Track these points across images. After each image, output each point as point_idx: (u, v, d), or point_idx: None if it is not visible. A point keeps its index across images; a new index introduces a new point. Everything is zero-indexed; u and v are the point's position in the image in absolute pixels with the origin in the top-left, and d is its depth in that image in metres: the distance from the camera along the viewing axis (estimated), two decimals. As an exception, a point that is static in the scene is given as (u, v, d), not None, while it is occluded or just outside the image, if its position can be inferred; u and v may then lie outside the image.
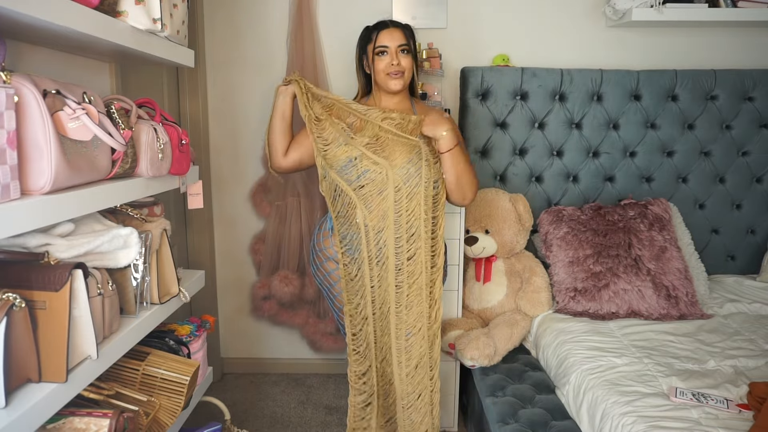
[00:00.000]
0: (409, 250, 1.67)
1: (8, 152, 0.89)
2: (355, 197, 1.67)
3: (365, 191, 1.67)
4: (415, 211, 1.65)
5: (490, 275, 2.18)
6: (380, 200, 1.67)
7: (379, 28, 1.75)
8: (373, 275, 1.71)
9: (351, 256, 1.73)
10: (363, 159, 1.66)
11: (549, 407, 1.64)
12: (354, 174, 1.67)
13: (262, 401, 2.46)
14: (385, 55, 1.72)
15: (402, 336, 1.71)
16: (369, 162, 1.66)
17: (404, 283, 1.68)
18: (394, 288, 1.69)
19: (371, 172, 1.66)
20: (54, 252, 1.12)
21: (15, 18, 0.95)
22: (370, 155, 1.66)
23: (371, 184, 1.67)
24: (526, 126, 2.35)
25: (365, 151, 1.66)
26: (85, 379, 1.11)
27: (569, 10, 2.42)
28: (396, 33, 1.73)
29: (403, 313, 1.70)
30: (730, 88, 2.34)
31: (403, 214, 1.65)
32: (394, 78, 1.72)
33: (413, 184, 1.65)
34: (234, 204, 2.59)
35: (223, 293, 2.67)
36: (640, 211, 2.17)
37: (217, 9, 2.44)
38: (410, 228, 1.66)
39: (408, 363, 1.72)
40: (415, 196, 1.65)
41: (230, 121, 2.52)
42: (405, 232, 1.66)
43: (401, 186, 1.65)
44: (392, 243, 1.66)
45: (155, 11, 1.35)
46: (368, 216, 1.68)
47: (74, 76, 1.48)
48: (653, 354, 1.69)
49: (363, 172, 1.66)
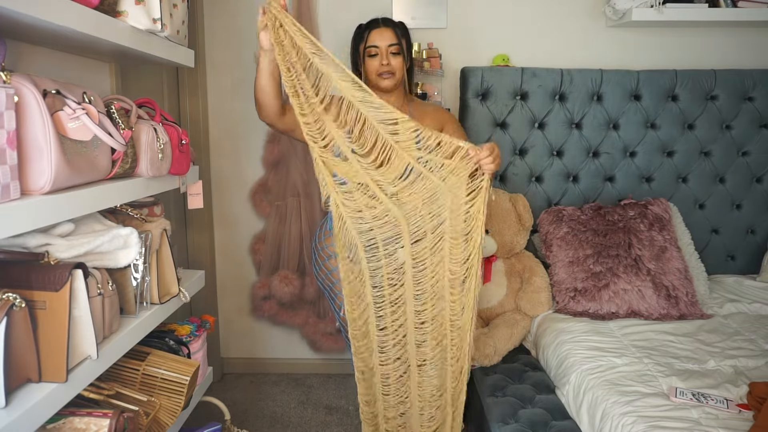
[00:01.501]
0: (434, 306, 1.45)
1: (8, 152, 0.89)
2: (356, 238, 1.41)
3: (372, 235, 1.41)
4: (438, 267, 1.41)
5: (490, 275, 2.18)
6: (389, 254, 1.42)
7: (370, 27, 1.73)
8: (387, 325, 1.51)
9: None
10: (367, 190, 1.36)
11: (549, 407, 1.64)
12: (357, 202, 1.39)
13: (262, 401, 2.46)
14: (376, 56, 1.71)
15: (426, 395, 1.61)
16: (375, 201, 1.37)
17: (428, 342, 1.52)
18: (415, 347, 1.54)
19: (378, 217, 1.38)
20: (54, 252, 1.12)
21: (15, 18, 0.95)
22: (382, 198, 1.34)
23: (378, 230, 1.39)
24: (526, 126, 2.35)
25: (376, 190, 1.35)
26: (85, 379, 1.11)
27: (569, 10, 2.42)
28: (387, 33, 1.71)
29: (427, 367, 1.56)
30: (730, 88, 2.34)
31: (428, 267, 1.41)
32: (384, 78, 1.70)
33: (437, 238, 1.38)
34: (234, 204, 2.59)
35: (223, 293, 2.67)
36: (640, 211, 2.17)
37: (217, 9, 2.44)
38: (435, 286, 1.43)
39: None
40: (438, 251, 1.39)
41: (230, 121, 2.52)
42: (430, 287, 1.43)
43: (421, 237, 1.39)
44: (411, 301, 1.46)
45: (155, 11, 1.35)
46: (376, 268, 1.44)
47: (74, 76, 1.48)
48: (653, 354, 1.69)
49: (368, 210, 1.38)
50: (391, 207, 1.37)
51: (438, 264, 1.42)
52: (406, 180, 1.37)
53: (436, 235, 1.40)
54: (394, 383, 1.61)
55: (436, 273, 1.43)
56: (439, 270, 1.43)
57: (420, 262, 1.42)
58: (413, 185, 1.38)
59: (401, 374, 1.61)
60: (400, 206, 1.38)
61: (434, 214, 1.39)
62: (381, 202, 1.37)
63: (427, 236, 1.41)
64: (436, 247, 1.40)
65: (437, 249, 1.40)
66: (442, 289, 1.44)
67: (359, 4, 2.37)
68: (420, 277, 1.44)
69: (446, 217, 1.37)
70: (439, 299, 1.46)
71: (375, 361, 1.61)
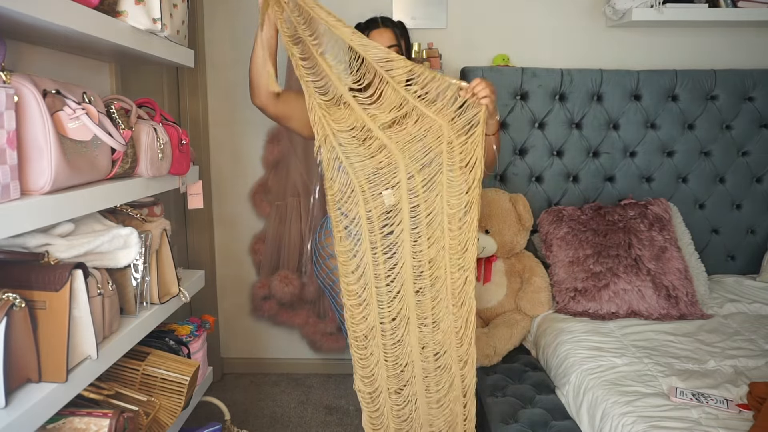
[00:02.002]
0: (429, 248, 1.43)
1: (8, 152, 0.89)
2: (356, 181, 1.43)
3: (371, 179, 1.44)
4: (435, 203, 1.42)
5: (490, 275, 2.18)
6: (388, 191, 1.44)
7: (370, 27, 1.71)
8: (380, 282, 1.47)
9: (353, 249, 1.50)
10: (368, 133, 1.40)
11: (549, 407, 1.64)
12: (357, 149, 1.41)
13: (262, 401, 2.46)
14: None
15: (430, 357, 1.52)
16: (376, 142, 1.40)
17: (426, 291, 1.47)
18: (414, 297, 1.48)
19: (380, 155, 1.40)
20: (54, 252, 1.12)
21: (15, 18, 0.95)
22: (379, 135, 1.38)
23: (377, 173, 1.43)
24: (526, 126, 2.35)
25: (374, 127, 1.38)
26: (85, 379, 1.11)
27: (569, 10, 2.42)
28: (386, 33, 1.70)
29: (428, 329, 1.49)
30: (730, 88, 2.34)
31: (421, 205, 1.43)
32: None
33: (434, 171, 1.41)
34: (234, 204, 2.59)
35: (223, 293, 2.67)
36: (640, 211, 2.17)
37: (217, 9, 2.44)
38: (431, 223, 1.43)
39: (438, 389, 1.53)
40: (435, 186, 1.41)
41: (230, 121, 2.52)
42: (425, 227, 1.43)
43: (414, 174, 1.42)
44: (408, 240, 1.45)
45: (155, 11, 1.35)
46: (374, 209, 1.44)
47: (74, 76, 1.48)
48: (653, 354, 1.69)
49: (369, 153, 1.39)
50: (387, 142, 1.40)
51: (435, 199, 1.43)
52: (401, 111, 1.42)
53: (432, 168, 1.42)
54: (391, 348, 1.53)
55: (433, 209, 1.44)
56: (436, 206, 1.43)
57: (414, 197, 1.43)
58: (408, 118, 1.43)
59: (400, 336, 1.53)
60: (396, 141, 1.42)
61: (429, 149, 1.43)
62: (377, 138, 1.41)
63: (423, 170, 1.43)
64: (432, 180, 1.42)
65: (434, 183, 1.42)
66: (440, 226, 1.44)
67: (359, 3, 2.37)
68: (414, 213, 1.45)
69: (443, 150, 1.40)
70: (437, 240, 1.46)
71: (373, 319, 1.52)
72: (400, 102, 1.41)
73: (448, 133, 1.40)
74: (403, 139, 1.42)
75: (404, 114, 1.43)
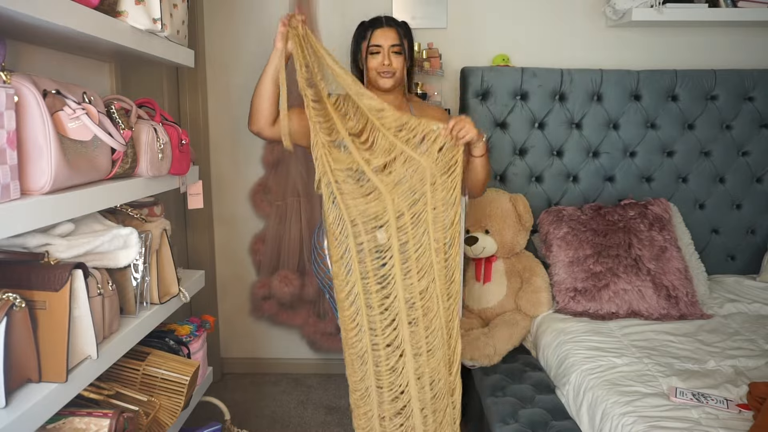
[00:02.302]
0: (420, 280, 1.52)
1: (8, 152, 0.89)
2: (347, 216, 1.53)
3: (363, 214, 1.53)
4: (423, 238, 1.51)
5: (490, 275, 2.18)
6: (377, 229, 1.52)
7: (374, 25, 1.74)
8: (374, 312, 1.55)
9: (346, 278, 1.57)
10: (362, 174, 1.51)
11: (549, 407, 1.64)
12: (352, 188, 1.52)
13: (262, 401, 2.46)
14: (378, 55, 1.71)
15: (426, 386, 1.58)
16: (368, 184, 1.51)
17: (419, 322, 1.55)
18: (408, 328, 1.55)
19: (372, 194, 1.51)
20: (54, 252, 1.12)
21: (15, 18, 0.95)
22: (372, 178, 1.49)
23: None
24: (526, 126, 2.35)
25: (367, 170, 1.49)
26: (85, 379, 1.12)
27: (569, 10, 2.42)
28: (390, 33, 1.72)
29: (423, 358, 1.56)
30: (730, 88, 2.34)
31: (410, 241, 1.51)
32: (383, 77, 1.71)
33: (420, 209, 1.50)
34: (234, 204, 2.59)
35: (223, 293, 2.67)
36: (640, 211, 2.17)
37: (217, 9, 2.44)
38: (420, 258, 1.51)
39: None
40: (422, 223, 1.51)
41: (230, 121, 2.52)
42: (415, 261, 1.51)
43: (405, 212, 1.51)
44: (400, 273, 1.52)
45: (155, 11, 1.35)
46: (366, 242, 1.53)
47: (74, 76, 1.48)
48: (653, 354, 1.69)
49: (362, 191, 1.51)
50: (379, 184, 1.50)
51: (423, 235, 1.52)
52: (390, 155, 1.52)
53: (419, 206, 1.52)
54: (387, 373, 1.58)
55: (421, 244, 1.52)
56: (423, 241, 1.52)
57: (403, 234, 1.52)
58: (396, 162, 1.53)
59: (395, 362, 1.58)
60: (386, 184, 1.52)
61: (415, 189, 1.51)
62: (369, 180, 1.51)
63: (412, 209, 1.52)
64: (419, 218, 1.51)
65: (420, 220, 1.51)
66: (429, 260, 1.52)
67: (359, 3, 2.37)
68: (403, 249, 1.53)
69: (427, 190, 1.50)
70: (426, 273, 1.54)
71: (366, 343, 1.58)
72: (390, 147, 1.52)
73: (432, 173, 1.50)
74: (393, 181, 1.52)
75: (393, 158, 1.53)
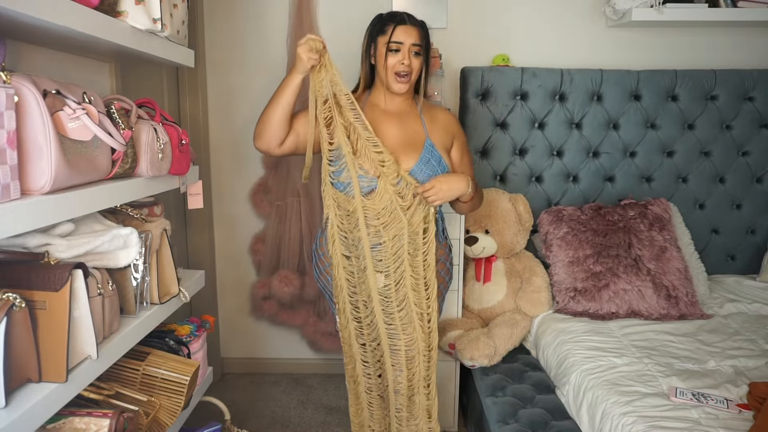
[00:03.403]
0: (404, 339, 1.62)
1: (8, 152, 0.89)
2: (340, 250, 1.64)
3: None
4: (406, 298, 1.61)
5: (490, 275, 2.18)
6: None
7: (396, 21, 1.63)
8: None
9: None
10: (357, 222, 1.57)
11: (549, 407, 1.64)
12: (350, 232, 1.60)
13: (262, 401, 2.46)
14: (398, 53, 1.60)
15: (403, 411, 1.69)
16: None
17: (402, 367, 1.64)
18: (393, 372, 1.65)
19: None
20: (54, 252, 1.12)
21: (15, 18, 0.95)
22: (362, 227, 1.56)
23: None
24: (526, 126, 2.35)
25: (360, 215, 1.56)
26: (85, 379, 1.11)
27: (569, 10, 2.42)
28: (413, 31, 1.62)
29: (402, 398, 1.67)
30: (730, 88, 2.34)
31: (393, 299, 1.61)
32: (399, 81, 1.62)
33: (402, 269, 1.61)
34: (234, 204, 2.59)
35: (223, 293, 2.67)
36: (640, 211, 2.17)
37: (217, 9, 2.44)
38: (402, 312, 1.61)
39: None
40: (403, 285, 1.60)
41: (230, 121, 2.52)
42: (398, 316, 1.61)
43: (391, 273, 1.61)
44: (383, 325, 1.62)
45: (155, 11, 1.34)
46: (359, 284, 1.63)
47: (74, 76, 1.48)
48: (653, 354, 1.69)
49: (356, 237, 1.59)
50: (363, 236, 1.56)
51: (401, 275, 1.60)
52: (385, 209, 1.57)
53: (397, 255, 1.59)
54: (377, 402, 1.75)
55: (401, 278, 1.59)
56: (404, 276, 1.59)
57: (384, 272, 1.60)
58: (388, 216, 1.58)
59: (380, 393, 1.74)
60: (373, 237, 1.58)
61: (396, 252, 1.59)
62: (359, 229, 1.57)
63: (397, 271, 1.60)
64: (402, 277, 1.59)
65: (403, 278, 1.59)
66: (409, 317, 1.61)
67: (359, 3, 2.37)
68: (385, 282, 1.60)
69: (405, 249, 1.58)
70: (406, 306, 1.60)
71: (359, 370, 1.72)
72: (390, 199, 1.56)
73: (408, 231, 1.57)
74: (374, 241, 1.58)
75: (389, 213, 1.58)
